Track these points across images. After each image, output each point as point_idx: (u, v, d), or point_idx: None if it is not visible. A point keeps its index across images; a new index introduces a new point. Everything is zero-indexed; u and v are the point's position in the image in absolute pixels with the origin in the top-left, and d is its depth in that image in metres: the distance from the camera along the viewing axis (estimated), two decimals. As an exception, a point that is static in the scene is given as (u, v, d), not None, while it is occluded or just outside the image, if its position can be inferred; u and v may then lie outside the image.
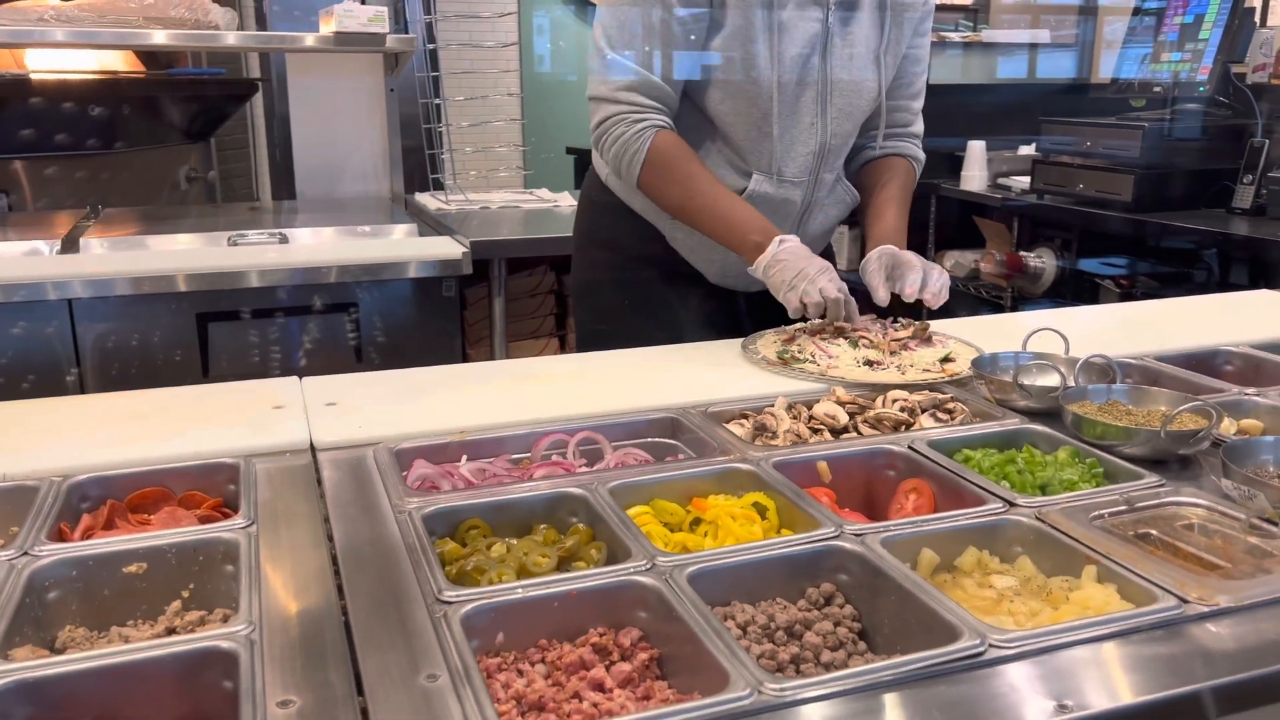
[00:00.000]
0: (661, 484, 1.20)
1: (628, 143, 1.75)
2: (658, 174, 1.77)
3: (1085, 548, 1.02)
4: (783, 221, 1.83)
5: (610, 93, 1.76)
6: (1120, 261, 3.54)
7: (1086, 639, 0.88)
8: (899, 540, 1.05)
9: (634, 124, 1.75)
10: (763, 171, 1.81)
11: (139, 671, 0.83)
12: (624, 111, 1.76)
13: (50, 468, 1.20)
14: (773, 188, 1.82)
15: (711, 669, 0.84)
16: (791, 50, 1.73)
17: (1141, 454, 1.25)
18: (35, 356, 2.33)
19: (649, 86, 1.75)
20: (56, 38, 2.87)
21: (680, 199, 1.79)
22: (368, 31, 2.94)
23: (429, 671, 0.83)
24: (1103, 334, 1.87)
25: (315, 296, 2.54)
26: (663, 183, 1.78)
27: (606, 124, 1.77)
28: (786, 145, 1.80)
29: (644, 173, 1.77)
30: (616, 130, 1.76)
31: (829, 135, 1.82)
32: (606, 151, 1.80)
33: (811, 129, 1.80)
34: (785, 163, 1.81)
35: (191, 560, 1.03)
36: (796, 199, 1.85)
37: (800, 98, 1.77)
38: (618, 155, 1.78)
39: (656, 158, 1.75)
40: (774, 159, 1.80)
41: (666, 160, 1.76)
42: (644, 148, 1.75)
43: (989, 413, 1.43)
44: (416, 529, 1.07)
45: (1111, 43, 5.41)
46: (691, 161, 1.77)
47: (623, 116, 1.76)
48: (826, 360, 1.62)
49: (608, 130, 1.77)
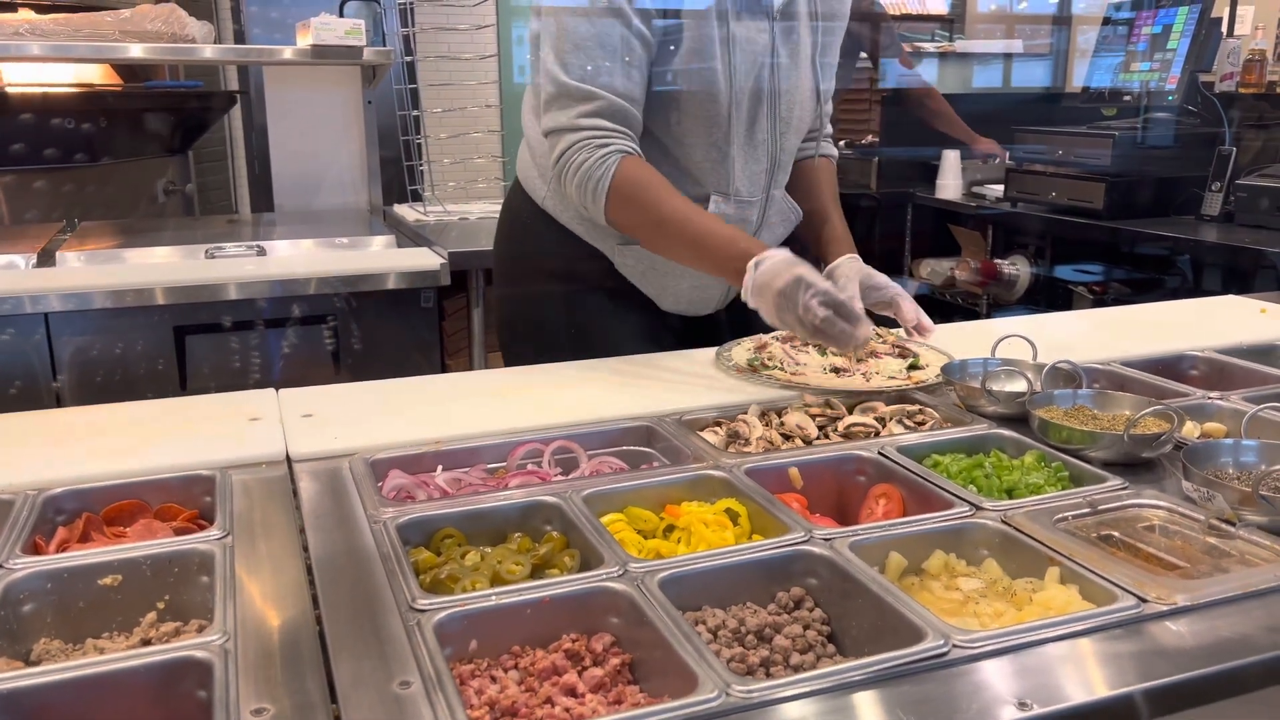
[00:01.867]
0: (635, 492, 1.21)
1: (590, 170, 1.61)
2: (626, 204, 1.63)
3: (1049, 550, 1.04)
4: None
5: (570, 121, 1.63)
6: (1093, 268, 3.59)
7: (1048, 638, 0.90)
8: (867, 544, 1.07)
9: (597, 149, 1.62)
10: (720, 192, 1.76)
11: (113, 682, 0.83)
12: (585, 138, 1.62)
13: (25, 481, 1.21)
14: (731, 209, 1.76)
15: (681, 672, 0.86)
16: (744, 64, 1.70)
17: (1106, 457, 1.27)
18: (12, 370, 2.32)
19: (613, 110, 1.63)
20: (33, 51, 2.86)
21: (653, 231, 1.67)
22: (345, 44, 2.94)
23: (402, 679, 0.84)
24: (1072, 340, 1.90)
25: (293, 308, 2.54)
26: (632, 213, 1.65)
27: (567, 154, 1.64)
28: (743, 163, 1.76)
29: (611, 204, 1.63)
30: (578, 158, 1.62)
31: (779, 150, 1.80)
32: (569, 183, 1.65)
33: (764, 145, 1.78)
34: (742, 181, 1.77)
35: (167, 572, 1.03)
36: (752, 218, 1.82)
37: (756, 113, 1.74)
38: (581, 185, 1.63)
39: (623, 187, 1.62)
40: (731, 178, 1.75)
41: (634, 189, 1.62)
42: (608, 175, 1.61)
43: (958, 418, 1.45)
44: (391, 538, 1.08)
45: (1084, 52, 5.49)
46: (661, 188, 1.64)
47: (585, 142, 1.62)
48: (794, 367, 1.64)
49: (568, 161, 1.64)
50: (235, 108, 4.79)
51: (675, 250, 1.69)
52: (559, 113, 1.65)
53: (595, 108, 1.62)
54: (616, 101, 1.63)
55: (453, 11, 3.77)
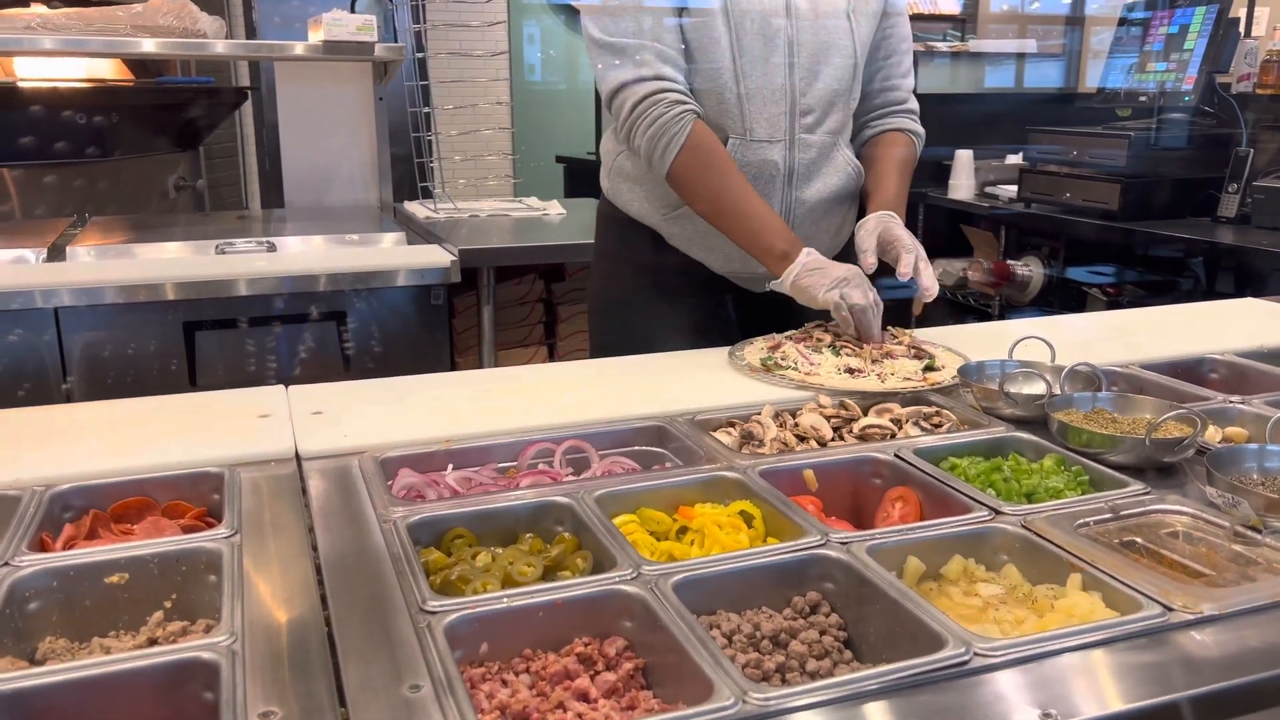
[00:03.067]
0: (648, 493, 1.20)
1: (666, 125, 1.70)
2: (695, 162, 1.72)
3: (1070, 555, 1.02)
4: (768, 186, 1.81)
5: (635, 74, 1.71)
6: (1107, 270, 3.56)
7: (1072, 647, 0.88)
8: (885, 549, 1.05)
9: (673, 105, 1.70)
10: (736, 134, 1.78)
11: (119, 683, 0.82)
12: (661, 90, 1.70)
13: (32, 477, 1.19)
14: (750, 153, 1.79)
15: (696, 678, 0.84)
16: (750, 12, 1.72)
17: (1126, 462, 1.25)
18: (22, 365, 2.32)
19: (668, 58, 1.71)
20: (45, 46, 2.86)
21: (713, 193, 1.74)
22: (356, 40, 2.93)
23: (412, 682, 0.83)
24: (1089, 342, 1.88)
25: (303, 305, 2.53)
26: (699, 172, 1.73)
27: (642, 105, 1.71)
28: (759, 105, 1.77)
29: (680, 157, 1.71)
30: (654, 111, 1.70)
31: (798, 95, 1.79)
32: (640, 134, 1.73)
33: (782, 89, 1.77)
34: (757, 124, 1.78)
35: (174, 570, 1.02)
36: (776, 159, 1.81)
37: (768, 57, 1.75)
38: (654, 137, 1.71)
39: (696, 144, 1.71)
40: (744, 119, 1.77)
41: (705, 151, 1.72)
42: (684, 132, 1.70)
43: (975, 421, 1.43)
44: (401, 538, 1.07)
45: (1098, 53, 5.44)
46: (727, 159, 1.74)
47: (660, 96, 1.70)
48: (808, 367, 1.62)
49: (644, 112, 1.71)
50: (246, 104, 4.79)
51: (724, 220, 1.76)
52: (615, 71, 1.73)
53: (651, 55, 1.70)
54: (667, 51, 1.71)
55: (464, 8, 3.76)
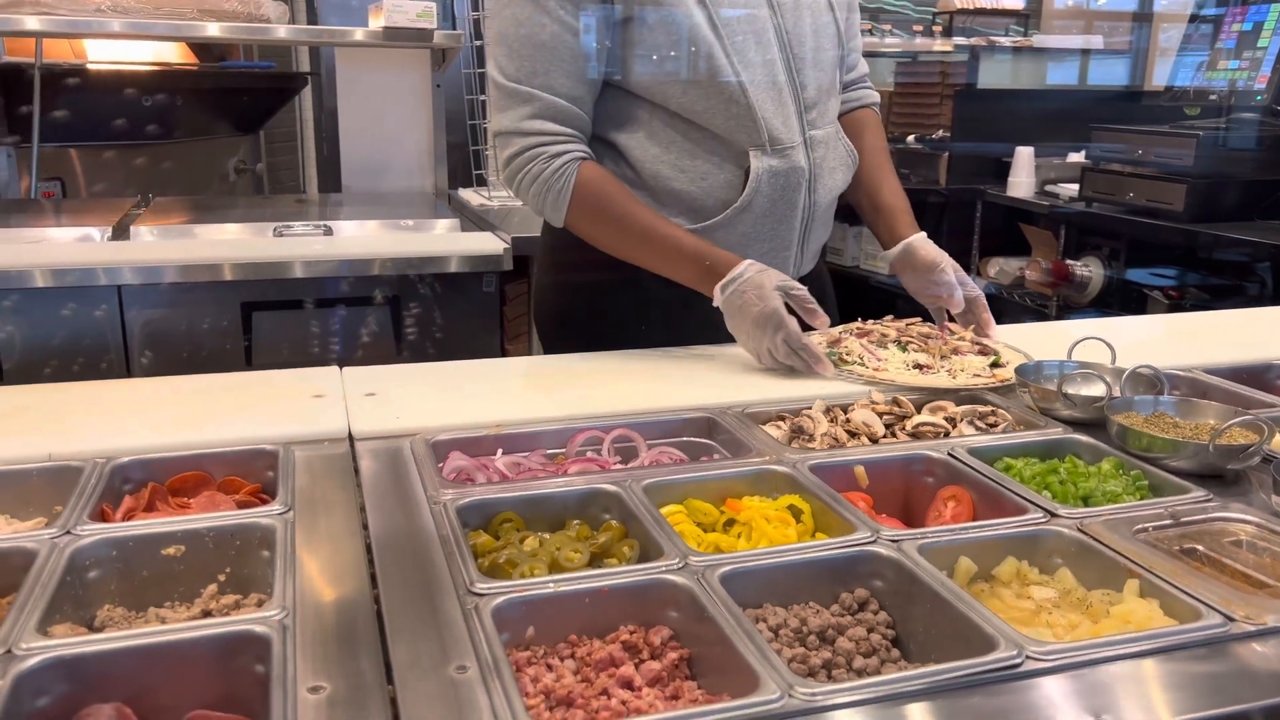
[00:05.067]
0: (696, 483, 1.19)
1: (549, 181, 1.61)
2: (587, 211, 1.63)
3: (1128, 561, 1.00)
4: (795, 194, 1.72)
5: (514, 124, 1.61)
6: (1170, 272, 3.47)
7: (1127, 654, 0.86)
8: (936, 547, 1.04)
9: (552, 159, 1.60)
10: (755, 145, 1.66)
11: (172, 652, 0.84)
12: (536, 144, 1.61)
13: (94, 449, 1.22)
14: (775, 160, 1.67)
15: (742, 671, 0.84)
16: (733, 12, 1.62)
17: (1188, 468, 1.22)
18: (85, 341, 2.37)
19: (555, 111, 1.60)
20: (113, 29, 2.92)
21: (616, 234, 1.65)
22: (415, 27, 2.96)
23: (459, 663, 0.83)
24: (1151, 345, 1.84)
25: (357, 288, 2.56)
26: (594, 219, 1.64)
27: (519, 160, 1.62)
28: (772, 110, 1.67)
29: (572, 211, 1.63)
30: (533, 168, 1.61)
31: (801, 89, 1.70)
32: (525, 191, 1.65)
33: (787, 87, 1.68)
34: (776, 128, 1.67)
35: (228, 544, 1.04)
36: (802, 164, 1.71)
37: (767, 56, 1.66)
38: (539, 195, 1.63)
39: (584, 193, 1.61)
40: (762, 129, 1.66)
41: (595, 195, 1.62)
42: (568, 185, 1.61)
43: (1032, 421, 1.40)
44: (450, 520, 1.07)
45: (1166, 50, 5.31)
46: (621, 193, 1.64)
47: (537, 151, 1.61)
48: (875, 363, 1.61)
49: (521, 168, 1.62)
50: (306, 89, 4.85)
51: (640, 255, 1.67)
52: (501, 115, 1.63)
53: (536, 109, 1.60)
54: (557, 102, 1.60)
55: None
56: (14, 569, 0.95)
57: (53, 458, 1.20)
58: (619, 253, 1.68)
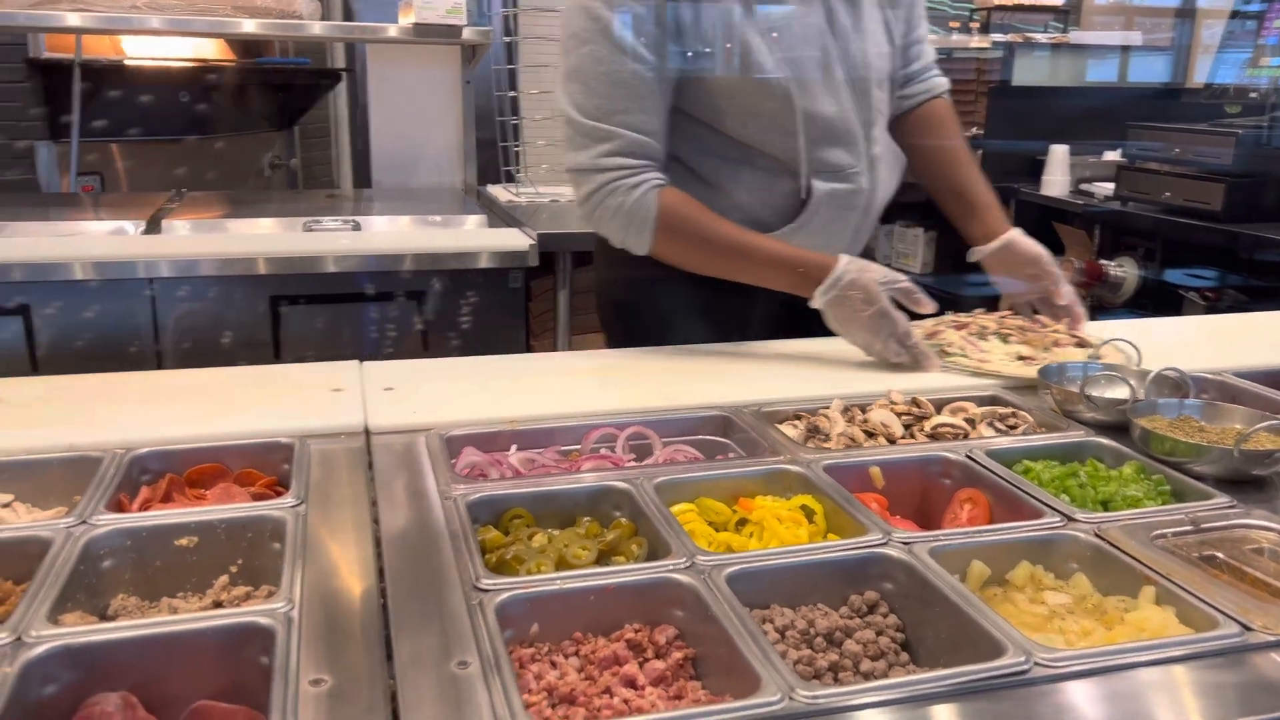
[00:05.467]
0: (708, 482, 1.18)
1: (631, 212, 1.61)
2: (673, 235, 1.64)
3: (1144, 567, 0.98)
4: (852, 213, 1.74)
5: (592, 161, 1.61)
6: (1207, 273, 3.41)
7: (1139, 662, 0.85)
8: (949, 550, 1.03)
9: (631, 190, 1.61)
10: (819, 174, 1.69)
11: (178, 643, 0.85)
12: (614, 179, 1.61)
13: (114, 440, 1.24)
14: (837, 184, 1.70)
15: (744, 672, 0.83)
16: (797, 44, 1.63)
17: (1212, 473, 1.19)
18: (116, 332, 2.41)
19: (634, 146, 1.61)
20: (151, 25, 2.96)
21: (703, 253, 1.66)
22: (445, 23, 2.97)
23: (460, 659, 0.84)
24: (1181, 346, 1.80)
25: (384, 283, 2.58)
26: (681, 242, 1.65)
27: (596, 196, 1.63)
28: (834, 138, 1.68)
29: (657, 238, 1.63)
30: (612, 202, 1.62)
31: (861, 109, 1.71)
32: (606, 224, 1.66)
33: (851, 112, 1.69)
34: (837, 156, 1.69)
35: (240, 536, 1.05)
36: (864, 185, 1.73)
37: (830, 86, 1.66)
38: (623, 226, 1.64)
39: (668, 219, 1.62)
40: (826, 157, 1.68)
41: (680, 218, 1.63)
42: (651, 213, 1.61)
43: (1054, 424, 1.38)
44: (460, 515, 1.07)
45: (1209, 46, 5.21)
46: (703, 212, 1.64)
47: (615, 185, 1.61)
48: (978, 354, 1.61)
49: (601, 203, 1.63)
50: (341, 85, 4.90)
51: (730, 269, 1.68)
52: (578, 153, 1.63)
53: (616, 146, 1.61)
54: (637, 139, 1.61)
55: (554, -8, 3.78)
56: (30, 557, 0.97)
57: (74, 448, 1.22)
58: (707, 270, 1.69)
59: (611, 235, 1.68)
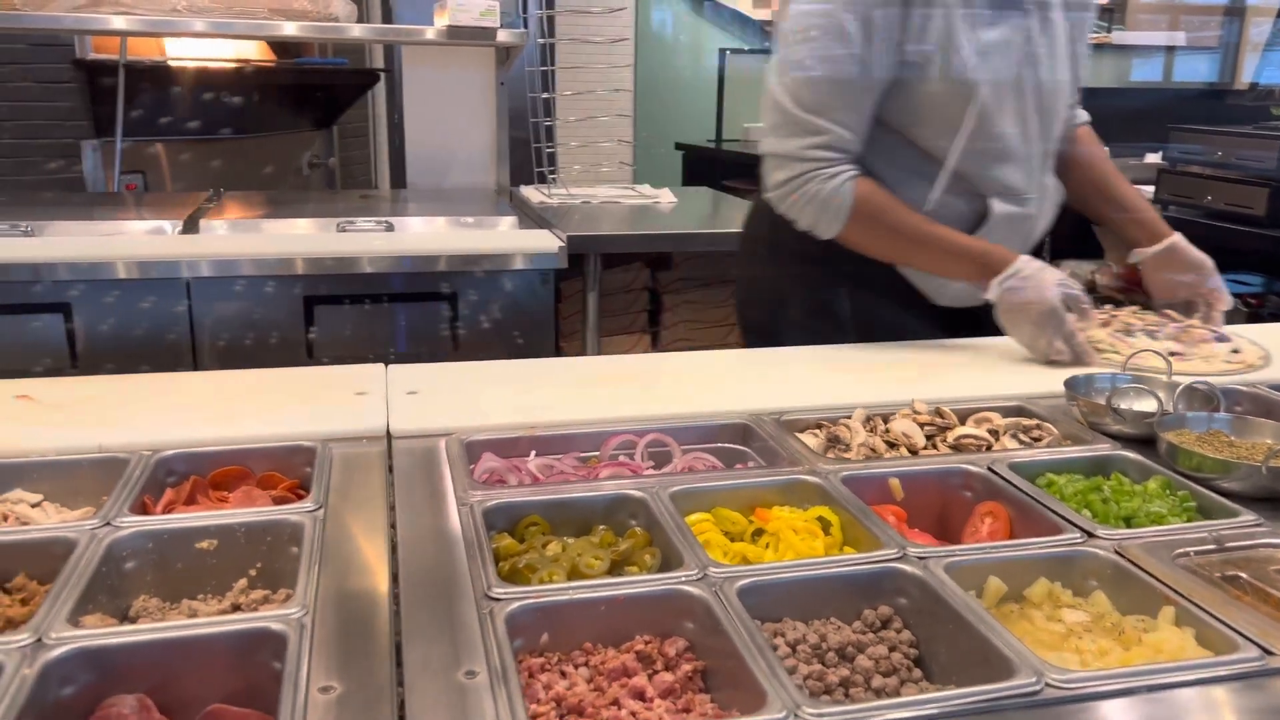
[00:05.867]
0: (725, 492, 1.18)
1: (826, 200, 1.71)
2: (865, 222, 1.73)
3: (1164, 587, 0.97)
4: (1023, 242, 1.83)
5: (798, 150, 1.71)
6: (1251, 279, 3.34)
7: (1154, 685, 0.83)
8: (964, 566, 1.02)
9: (830, 179, 1.71)
10: (998, 195, 1.78)
11: (194, 647, 0.86)
12: (814, 169, 1.71)
13: (142, 441, 1.26)
14: (1015, 206, 1.79)
15: (751, 687, 0.83)
16: (1004, 65, 1.71)
17: (1241, 490, 1.17)
18: (153, 331, 2.45)
19: (840, 142, 1.71)
20: (195, 28, 3.01)
21: (892, 241, 1.76)
22: (479, 25, 2.98)
23: (469, 668, 0.84)
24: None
25: (415, 284, 2.60)
26: (872, 229, 1.75)
27: (794, 182, 1.73)
28: (1018, 162, 1.77)
29: (851, 225, 1.73)
30: (810, 188, 1.72)
31: (1047, 141, 1.82)
32: (799, 209, 1.75)
33: (1035, 140, 1.79)
34: (1018, 179, 1.78)
35: (260, 540, 1.06)
36: (1033, 212, 1.83)
37: (1021, 110, 1.75)
38: (817, 212, 1.73)
39: (862, 207, 1.72)
40: (1006, 178, 1.77)
41: (874, 207, 1.73)
42: (847, 202, 1.71)
43: (1079, 436, 1.36)
44: (476, 522, 1.08)
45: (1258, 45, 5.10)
46: (895, 202, 1.74)
47: (814, 173, 1.71)
48: (1128, 350, 1.65)
49: (798, 188, 1.73)
50: (378, 85, 4.94)
51: (915, 257, 1.79)
52: (785, 140, 1.73)
53: (824, 140, 1.70)
54: (844, 135, 1.70)
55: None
56: (55, 558, 0.99)
57: (103, 449, 1.25)
58: (892, 257, 1.80)
59: (801, 218, 1.77)
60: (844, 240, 1.76)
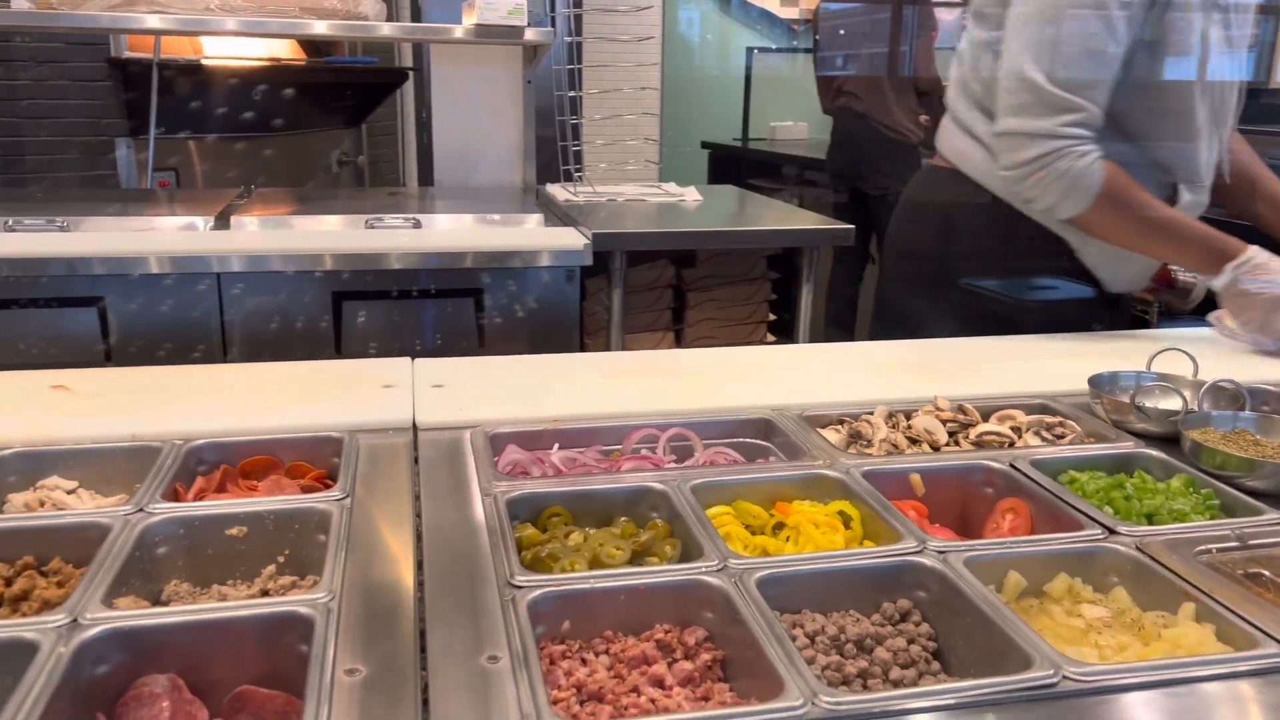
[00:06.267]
0: (746, 485, 1.19)
1: (1077, 178, 1.75)
2: (1110, 203, 1.78)
3: (1185, 583, 0.97)
4: None
5: (1051, 127, 1.75)
6: (1282, 280, 3.30)
7: (1172, 680, 0.83)
8: (984, 561, 1.02)
9: (1081, 157, 1.75)
10: (1186, 181, 1.85)
11: (224, 629, 0.88)
12: (1067, 146, 1.75)
13: (174, 431, 1.29)
14: (1197, 194, 1.85)
15: (769, 676, 0.84)
16: (1211, 56, 1.77)
17: (1265, 488, 1.17)
18: (184, 325, 2.49)
19: (1092, 120, 1.74)
20: (227, 26, 3.05)
21: (1135, 223, 1.80)
22: (507, 24, 3.00)
23: (491, 653, 0.86)
24: (1243, 357, 1.76)
25: (442, 281, 2.62)
26: (1117, 210, 1.79)
27: (1044, 159, 1.76)
28: (1205, 152, 1.84)
29: (1097, 204, 1.77)
30: (1061, 165, 1.75)
31: (1223, 130, 1.88)
32: (1045, 185, 1.79)
33: (1217, 133, 1.85)
34: (1204, 170, 1.85)
35: (288, 528, 1.08)
36: (1205, 202, 1.89)
37: (1213, 102, 1.82)
38: (1065, 189, 1.77)
39: (1110, 187, 1.76)
40: (1197, 167, 1.84)
41: (1121, 188, 1.77)
42: (1097, 180, 1.75)
43: (1103, 434, 1.36)
44: (500, 512, 1.10)
45: (1293, 44, 5.03)
46: (1139, 187, 1.78)
47: (1067, 150, 1.75)
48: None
49: (1047, 164, 1.77)
50: (407, 83, 4.99)
51: (1153, 242, 1.84)
52: (1037, 119, 1.76)
53: (1079, 118, 1.74)
54: (1096, 112, 1.75)
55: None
56: (90, 542, 1.01)
57: (136, 438, 1.27)
58: (1128, 239, 1.85)
59: (1043, 196, 1.81)
60: (1081, 221, 1.81)
